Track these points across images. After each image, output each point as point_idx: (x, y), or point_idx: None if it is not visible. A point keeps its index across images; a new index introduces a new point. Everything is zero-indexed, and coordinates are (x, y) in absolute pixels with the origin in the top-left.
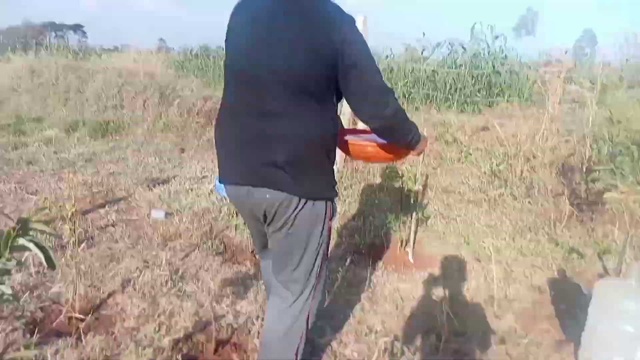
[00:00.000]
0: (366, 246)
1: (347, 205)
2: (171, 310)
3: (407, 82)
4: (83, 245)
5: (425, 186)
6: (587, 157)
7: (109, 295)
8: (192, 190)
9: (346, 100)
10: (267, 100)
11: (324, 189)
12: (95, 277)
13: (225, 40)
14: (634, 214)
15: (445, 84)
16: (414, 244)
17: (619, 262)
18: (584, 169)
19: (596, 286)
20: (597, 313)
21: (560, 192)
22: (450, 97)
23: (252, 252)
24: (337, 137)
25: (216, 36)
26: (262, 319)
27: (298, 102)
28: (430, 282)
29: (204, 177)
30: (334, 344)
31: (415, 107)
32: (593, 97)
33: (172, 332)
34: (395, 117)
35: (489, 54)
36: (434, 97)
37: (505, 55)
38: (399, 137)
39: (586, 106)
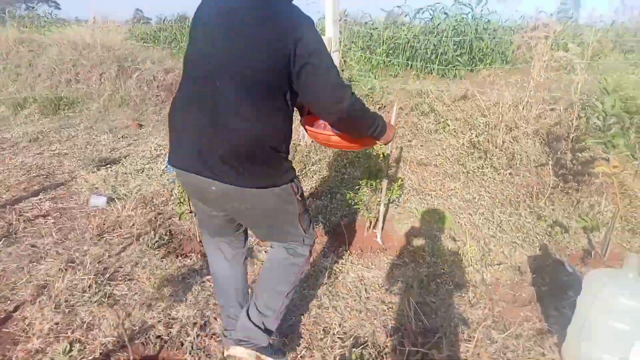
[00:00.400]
0: (331, 228)
1: (313, 181)
2: (90, 323)
3: (385, 49)
4: (0, 243)
5: (399, 160)
6: (574, 126)
7: (16, 307)
8: (143, 170)
9: (302, 98)
10: (220, 93)
11: (275, 178)
12: (4, 284)
13: (189, 32)
14: (625, 188)
15: (427, 50)
16: (383, 223)
17: (606, 237)
18: (571, 139)
19: (587, 277)
20: (588, 306)
21: (543, 163)
22: (430, 63)
23: (201, 241)
24: (289, 132)
25: (195, 5)
26: (200, 327)
27: (250, 98)
28: (400, 267)
29: (159, 155)
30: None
31: (395, 74)
32: (582, 63)
33: (87, 351)
34: (350, 113)
35: (472, 18)
36: (413, 64)
37: (488, 20)
38: (357, 131)
39: (575, 73)
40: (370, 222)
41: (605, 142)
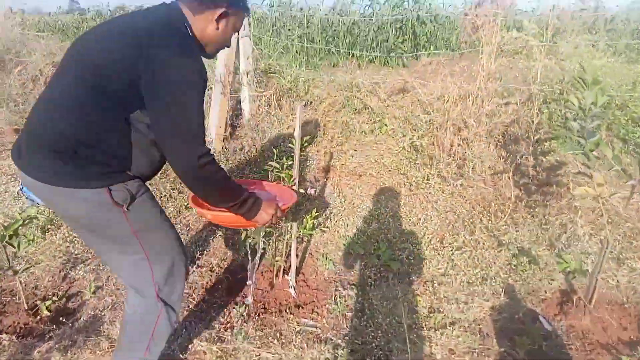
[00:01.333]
0: (224, 276)
1: None
2: None
3: (326, 36)
4: None
5: (327, 169)
6: (534, 124)
7: None
8: None
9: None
10: (64, 83)
11: (81, 176)
12: None
13: None
14: (611, 214)
15: (367, 37)
16: (297, 269)
17: (592, 279)
18: (532, 140)
19: None
20: None
21: (501, 170)
22: (372, 51)
23: (32, 309)
24: (124, 154)
25: None
26: None
27: (84, 97)
28: (315, 342)
29: None
30: None
31: (333, 64)
32: (541, 45)
33: None
34: (200, 174)
35: (414, 1)
36: (353, 53)
37: (430, 4)
38: (210, 199)
39: (532, 58)
40: (281, 266)
41: (586, 153)
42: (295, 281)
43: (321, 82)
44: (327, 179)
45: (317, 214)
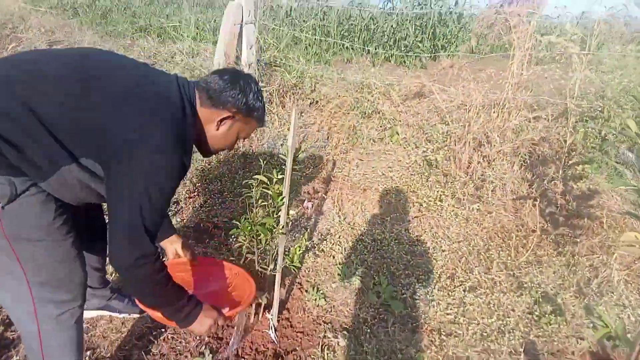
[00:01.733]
0: None
1: (194, 215)
2: None
3: (342, 30)
4: None
5: (328, 179)
6: (567, 145)
7: None
8: None
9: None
10: (50, 78)
11: None
12: None
13: None
14: None
15: (384, 33)
16: (282, 303)
17: (634, 346)
18: (563, 162)
19: None
20: None
21: (524, 196)
22: (388, 48)
23: None
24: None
25: None
26: None
27: (60, 107)
28: None
29: None
30: None
31: (346, 60)
32: (582, 54)
33: None
34: (132, 277)
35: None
36: (369, 50)
37: (456, 2)
38: (143, 302)
39: (571, 68)
40: (262, 303)
41: None
42: (278, 320)
43: (330, 79)
44: (326, 192)
45: (307, 242)
